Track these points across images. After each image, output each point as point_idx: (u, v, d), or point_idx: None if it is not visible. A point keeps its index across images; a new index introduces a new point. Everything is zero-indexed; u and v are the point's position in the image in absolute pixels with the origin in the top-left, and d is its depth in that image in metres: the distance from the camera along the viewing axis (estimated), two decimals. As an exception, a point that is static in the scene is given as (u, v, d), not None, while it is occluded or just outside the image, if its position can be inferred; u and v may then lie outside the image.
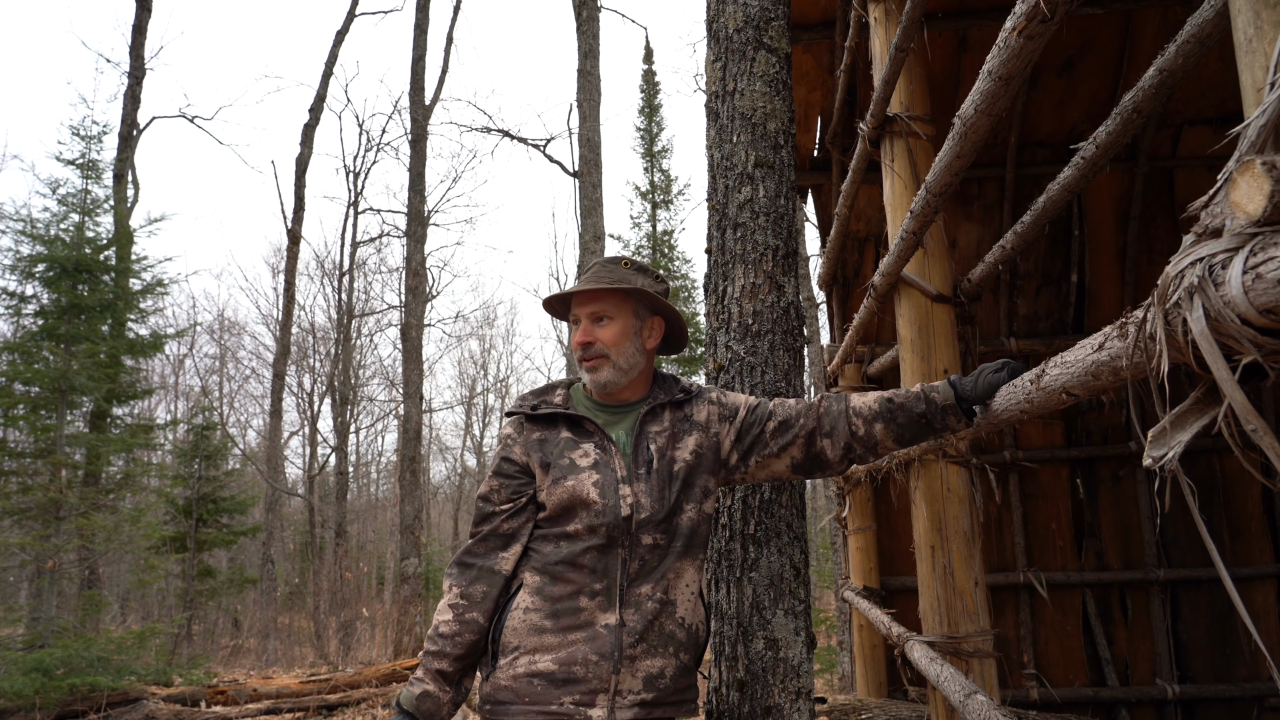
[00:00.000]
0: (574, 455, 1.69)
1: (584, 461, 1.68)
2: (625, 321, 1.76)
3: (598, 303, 1.75)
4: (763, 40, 2.69)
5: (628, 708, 1.57)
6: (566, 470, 1.66)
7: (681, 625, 1.66)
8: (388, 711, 6.51)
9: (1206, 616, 4.44)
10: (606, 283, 1.73)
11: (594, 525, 1.63)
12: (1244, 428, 0.74)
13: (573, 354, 1.84)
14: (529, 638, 1.60)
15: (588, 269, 1.82)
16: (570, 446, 1.70)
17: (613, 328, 1.74)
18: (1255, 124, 0.71)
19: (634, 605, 1.61)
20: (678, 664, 1.64)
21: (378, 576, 19.17)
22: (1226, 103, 4.21)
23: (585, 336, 1.73)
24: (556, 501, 1.66)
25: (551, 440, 1.72)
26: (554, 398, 1.80)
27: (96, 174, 8.50)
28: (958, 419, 1.64)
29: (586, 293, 1.75)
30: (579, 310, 1.76)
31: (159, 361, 21.70)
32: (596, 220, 10.39)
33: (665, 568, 1.65)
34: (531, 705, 1.56)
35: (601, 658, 1.57)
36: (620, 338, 1.74)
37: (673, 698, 1.63)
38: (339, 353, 18.13)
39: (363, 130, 19.85)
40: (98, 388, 7.73)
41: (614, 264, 1.79)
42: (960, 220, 4.64)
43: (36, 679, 5.92)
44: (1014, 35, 1.38)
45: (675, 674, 1.63)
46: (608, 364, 1.73)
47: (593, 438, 1.72)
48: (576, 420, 1.74)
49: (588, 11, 10.89)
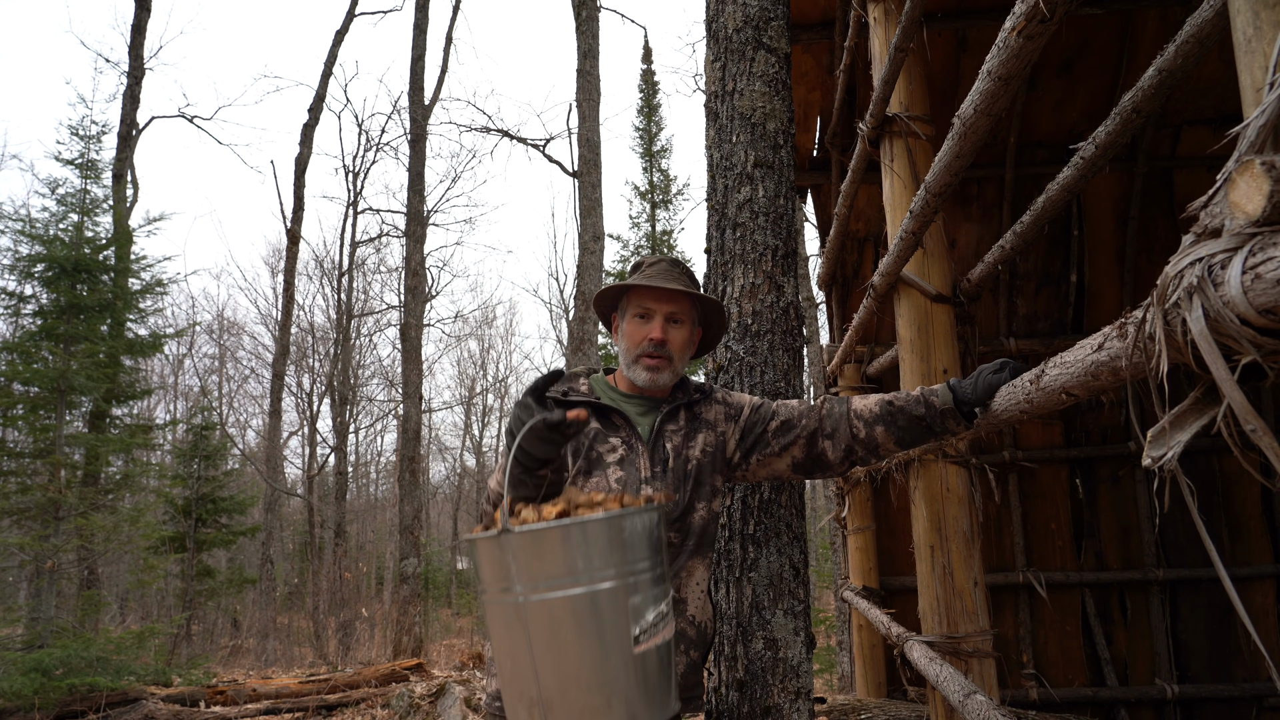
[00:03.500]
0: (602, 449, 1.68)
1: (611, 457, 1.67)
2: (691, 328, 1.80)
3: (677, 304, 1.76)
4: (762, 40, 2.69)
5: None
6: (594, 464, 1.67)
7: (692, 623, 1.67)
8: (388, 712, 6.51)
9: (1206, 616, 4.44)
10: (693, 287, 1.76)
11: None
12: (1243, 428, 0.74)
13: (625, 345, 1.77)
14: None
15: (652, 264, 1.80)
16: (600, 439, 1.69)
17: (684, 332, 1.77)
18: (1254, 124, 0.71)
19: None
20: (688, 661, 1.66)
21: (377, 576, 19.18)
22: (1226, 103, 4.21)
23: (662, 334, 1.73)
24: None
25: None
26: (580, 386, 1.79)
27: (95, 174, 8.49)
28: (957, 422, 1.65)
29: (670, 291, 1.74)
30: (656, 306, 1.74)
31: (158, 361, 21.70)
32: (596, 220, 10.39)
33: (679, 566, 1.66)
34: None
35: None
36: (687, 343, 1.78)
37: (683, 694, 1.65)
38: (338, 353, 18.12)
39: (362, 130, 19.83)
40: (97, 388, 7.73)
41: (676, 266, 1.81)
42: (960, 220, 4.64)
43: (35, 679, 5.92)
44: (1013, 35, 1.38)
45: (685, 671, 1.65)
46: (670, 366, 1.75)
47: (620, 431, 1.71)
48: (605, 412, 1.73)
49: (587, 12, 10.88)
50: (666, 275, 1.77)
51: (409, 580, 10.80)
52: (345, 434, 17.89)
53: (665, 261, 1.81)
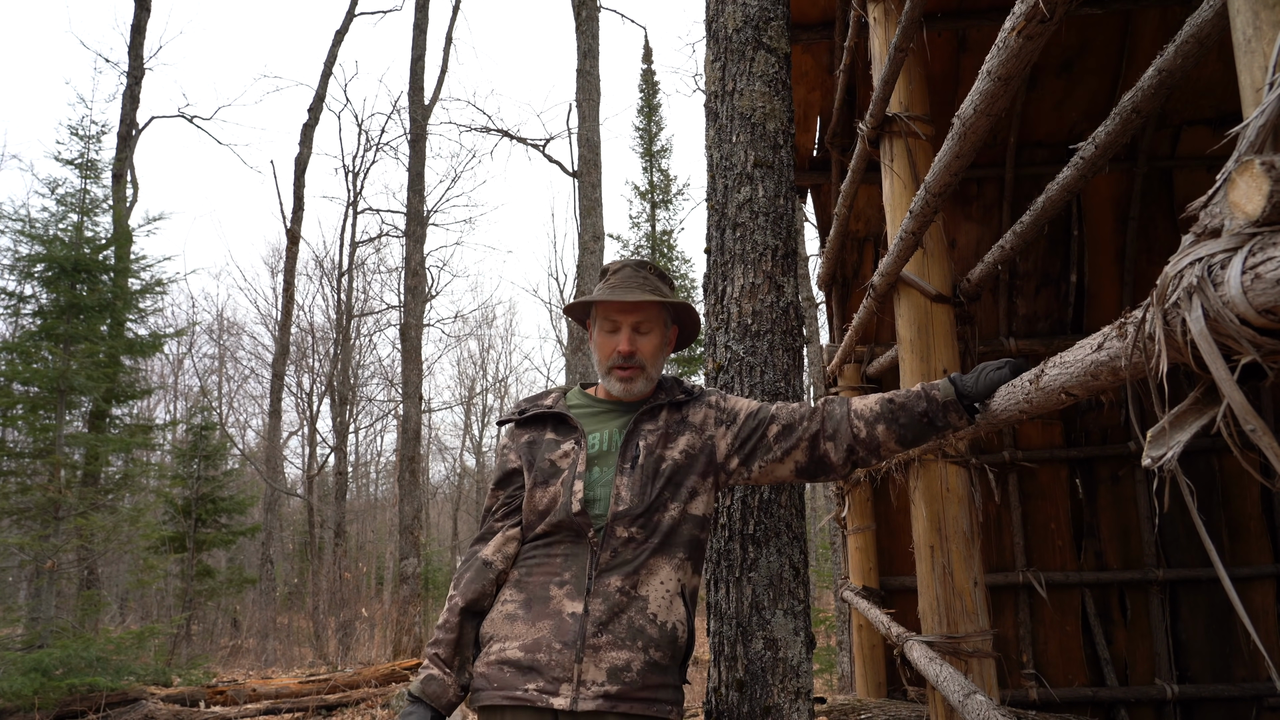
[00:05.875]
0: (554, 456, 1.75)
1: (563, 463, 1.74)
2: (661, 333, 1.82)
3: (641, 313, 1.78)
4: (762, 40, 2.69)
5: (591, 699, 1.56)
6: (547, 474, 1.73)
7: (653, 621, 1.64)
8: (387, 712, 6.51)
9: (1205, 616, 4.44)
10: (654, 294, 1.77)
11: (554, 522, 1.69)
12: (1243, 428, 0.74)
13: (597, 357, 1.84)
14: (503, 626, 1.66)
15: (616, 271, 1.82)
16: (552, 447, 1.77)
17: (653, 339, 1.79)
18: (1254, 124, 0.71)
19: (600, 595, 1.63)
20: (647, 659, 1.61)
21: (377, 576, 19.17)
22: (1225, 103, 4.21)
23: (630, 346, 1.76)
24: (534, 504, 1.73)
25: (539, 442, 1.79)
26: (544, 400, 1.86)
27: (95, 174, 8.49)
28: (959, 416, 1.64)
29: (632, 302, 1.77)
30: (621, 318, 1.78)
31: (158, 361, 21.70)
32: (596, 220, 10.39)
33: (639, 562, 1.66)
34: (499, 690, 1.60)
35: (565, 645, 1.59)
36: (657, 350, 1.81)
37: (641, 694, 1.59)
38: (338, 353, 18.12)
39: (362, 130, 19.84)
40: (96, 388, 7.73)
41: (643, 270, 1.82)
42: (959, 220, 4.64)
43: (35, 679, 5.91)
44: (1013, 35, 1.38)
45: (644, 669, 1.60)
46: (643, 375, 1.78)
47: (573, 433, 1.77)
48: (561, 418, 1.80)
49: (587, 11, 10.88)
50: (630, 282, 1.77)
51: (409, 580, 10.80)
52: (345, 434, 17.89)
53: (629, 267, 1.82)
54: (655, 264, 1.83)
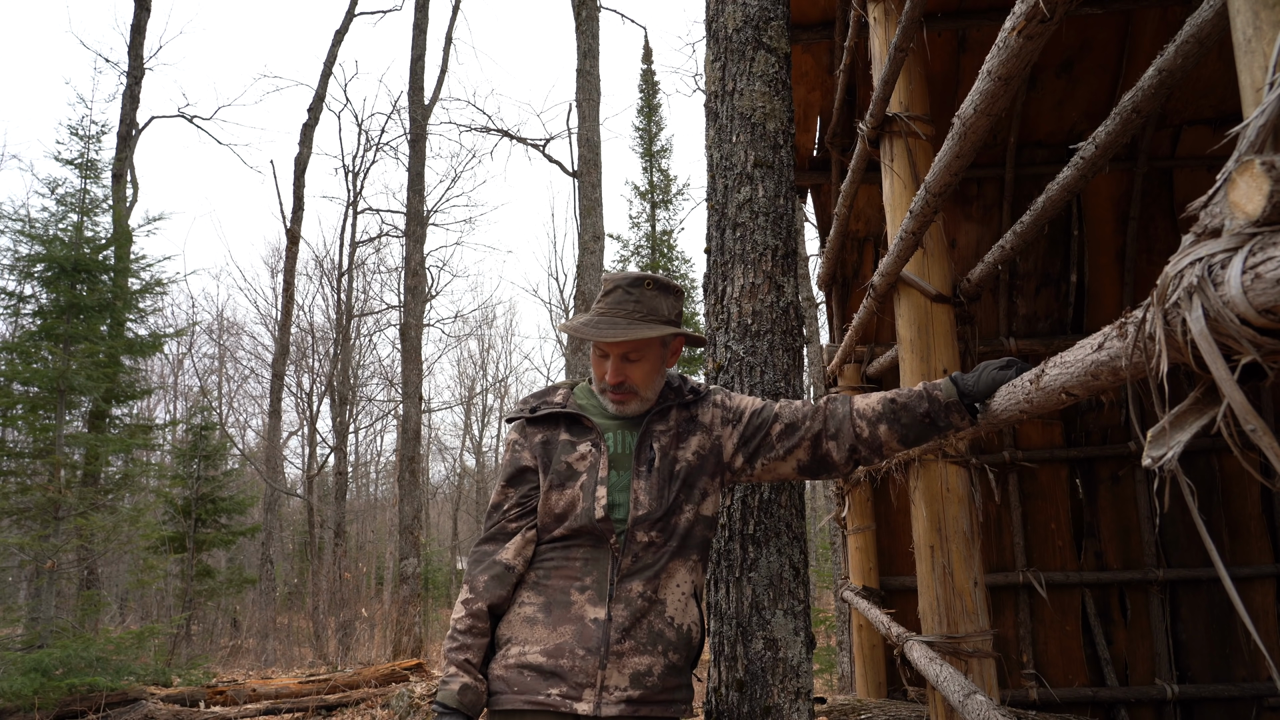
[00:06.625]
0: (570, 459, 1.71)
1: (581, 465, 1.70)
2: (655, 356, 1.75)
3: (629, 344, 1.72)
4: (762, 40, 2.69)
5: (614, 704, 1.56)
6: (564, 477, 1.70)
7: (671, 624, 1.65)
8: (387, 712, 6.51)
9: (1206, 616, 4.44)
10: (639, 325, 1.69)
11: (575, 528, 1.66)
12: (1243, 428, 0.74)
13: (594, 374, 1.81)
14: (522, 629, 1.64)
15: (608, 293, 1.75)
16: (568, 449, 1.72)
17: (644, 366, 1.73)
18: (1254, 124, 0.71)
19: (623, 600, 1.62)
20: (666, 663, 1.63)
21: (377, 577, 19.17)
22: (1225, 103, 4.21)
23: (617, 377, 1.71)
24: (550, 506, 1.69)
25: (553, 442, 1.75)
26: (554, 398, 1.82)
27: (95, 174, 8.49)
28: (961, 416, 1.64)
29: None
30: (609, 347, 1.72)
31: (158, 361, 21.71)
32: (596, 220, 10.39)
33: (659, 566, 1.66)
34: (520, 694, 1.58)
35: (588, 651, 1.58)
36: (650, 374, 1.74)
37: (660, 697, 1.62)
38: (338, 353, 18.11)
39: (362, 130, 19.81)
40: (96, 388, 7.73)
41: (638, 288, 1.74)
42: (959, 220, 4.64)
43: (35, 679, 5.91)
44: (1013, 35, 1.38)
45: (664, 673, 1.62)
46: (635, 398, 1.74)
47: (589, 435, 1.74)
48: (575, 418, 1.76)
49: (587, 11, 10.88)
50: (618, 310, 1.72)
51: (409, 580, 10.80)
52: (345, 434, 17.88)
53: (621, 289, 1.74)
54: (656, 276, 1.76)
